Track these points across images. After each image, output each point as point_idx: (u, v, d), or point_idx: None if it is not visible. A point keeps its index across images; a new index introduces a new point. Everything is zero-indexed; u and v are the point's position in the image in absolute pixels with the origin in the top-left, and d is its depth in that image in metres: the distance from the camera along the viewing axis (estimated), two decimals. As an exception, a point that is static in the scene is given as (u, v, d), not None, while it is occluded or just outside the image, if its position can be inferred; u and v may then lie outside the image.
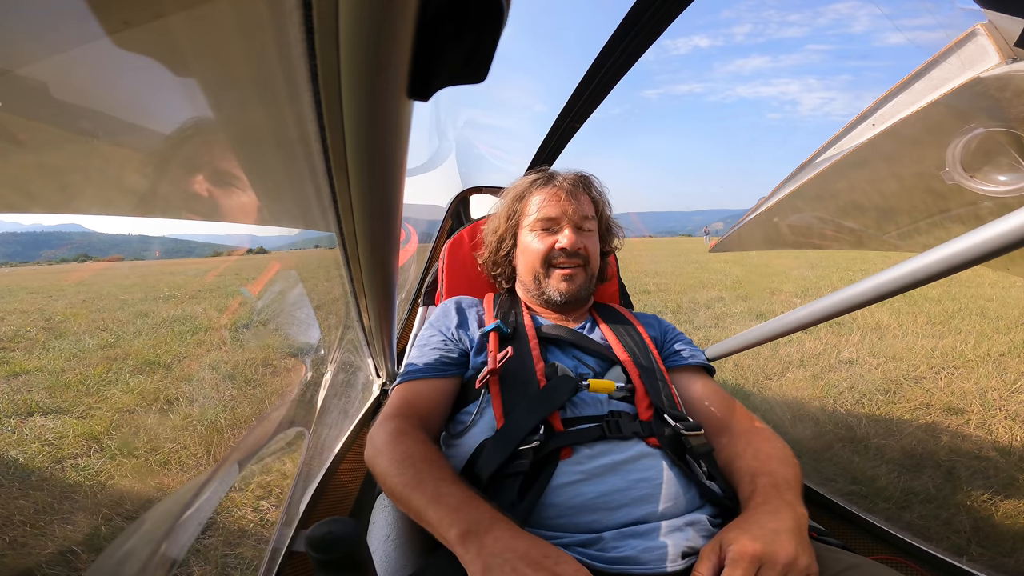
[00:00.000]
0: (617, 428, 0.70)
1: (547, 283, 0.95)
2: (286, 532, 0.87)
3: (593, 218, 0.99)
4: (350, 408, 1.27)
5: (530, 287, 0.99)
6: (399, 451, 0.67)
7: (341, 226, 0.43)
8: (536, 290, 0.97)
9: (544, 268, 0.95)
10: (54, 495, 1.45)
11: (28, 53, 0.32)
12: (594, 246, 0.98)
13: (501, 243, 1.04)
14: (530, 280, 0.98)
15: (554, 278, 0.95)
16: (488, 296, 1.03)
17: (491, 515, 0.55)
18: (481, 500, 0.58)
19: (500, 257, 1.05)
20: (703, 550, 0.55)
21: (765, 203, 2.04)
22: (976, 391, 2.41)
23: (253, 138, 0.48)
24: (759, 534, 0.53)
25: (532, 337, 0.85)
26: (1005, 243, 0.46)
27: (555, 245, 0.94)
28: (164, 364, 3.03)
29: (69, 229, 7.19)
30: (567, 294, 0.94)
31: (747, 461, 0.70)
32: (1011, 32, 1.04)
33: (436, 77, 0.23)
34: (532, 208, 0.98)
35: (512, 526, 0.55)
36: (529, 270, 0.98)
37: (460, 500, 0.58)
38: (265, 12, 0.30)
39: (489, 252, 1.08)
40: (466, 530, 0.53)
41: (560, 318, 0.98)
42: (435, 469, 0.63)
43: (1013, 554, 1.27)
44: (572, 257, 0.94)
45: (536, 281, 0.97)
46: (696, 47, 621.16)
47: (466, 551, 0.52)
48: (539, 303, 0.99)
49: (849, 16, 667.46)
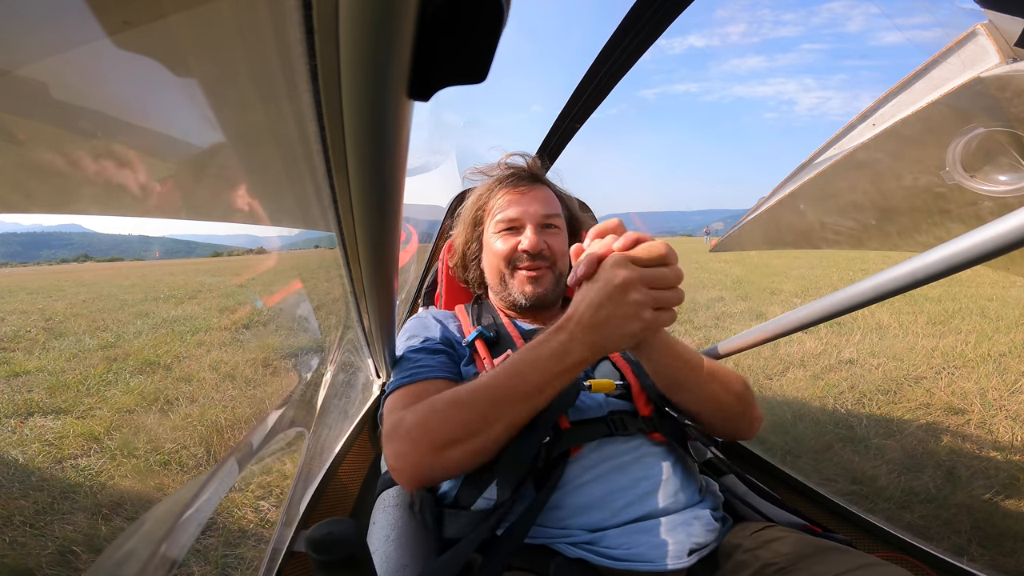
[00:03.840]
0: (623, 425, 0.70)
1: (512, 285, 0.92)
2: (286, 532, 0.87)
3: (558, 215, 0.95)
4: (350, 408, 1.27)
5: (497, 290, 0.96)
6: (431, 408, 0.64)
7: (341, 226, 0.43)
8: (503, 292, 0.94)
9: (508, 270, 0.92)
10: (54, 495, 1.45)
11: (28, 53, 0.32)
12: (560, 244, 0.93)
13: (468, 247, 1.03)
14: (496, 283, 0.95)
15: (519, 280, 0.91)
16: (459, 307, 1.01)
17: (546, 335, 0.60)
18: (526, 347, 0.61)
19: (469, 262, 1.04)
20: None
21: (765, 203, 2.04)
22: (976, 391, 2.41)
23: (253, 138, 0.48)
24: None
25: (518, 338, 0.84)
26: (1005, 243, 0.46)
27: (518, 247, 0.91)
28: (164, 364, 3.03)
29: (69, 229, 7.19)
30: (532, 297, 0.90)
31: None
32: (1011, 32, 1.04)
33: (436, 77, 0.23)
34: (494, 209, 0.95)
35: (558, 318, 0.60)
36: (495, 272, 0.95)
37: (525, 361, 0.60)
38: (265, 12, 0.30)
39: (459, 257, 1.06)
40: (561, 350, 0.58)
41: (537, 320, 0.95)
42: (470, 388, 0.63)
43: (1014, 554, 1.27)
44: (535, 259, 0.90)
45: (502, 283, 0.93)
46: (691, 47, 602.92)
47: (579, 340, 0.57)
48: (506, 306, 0.96)
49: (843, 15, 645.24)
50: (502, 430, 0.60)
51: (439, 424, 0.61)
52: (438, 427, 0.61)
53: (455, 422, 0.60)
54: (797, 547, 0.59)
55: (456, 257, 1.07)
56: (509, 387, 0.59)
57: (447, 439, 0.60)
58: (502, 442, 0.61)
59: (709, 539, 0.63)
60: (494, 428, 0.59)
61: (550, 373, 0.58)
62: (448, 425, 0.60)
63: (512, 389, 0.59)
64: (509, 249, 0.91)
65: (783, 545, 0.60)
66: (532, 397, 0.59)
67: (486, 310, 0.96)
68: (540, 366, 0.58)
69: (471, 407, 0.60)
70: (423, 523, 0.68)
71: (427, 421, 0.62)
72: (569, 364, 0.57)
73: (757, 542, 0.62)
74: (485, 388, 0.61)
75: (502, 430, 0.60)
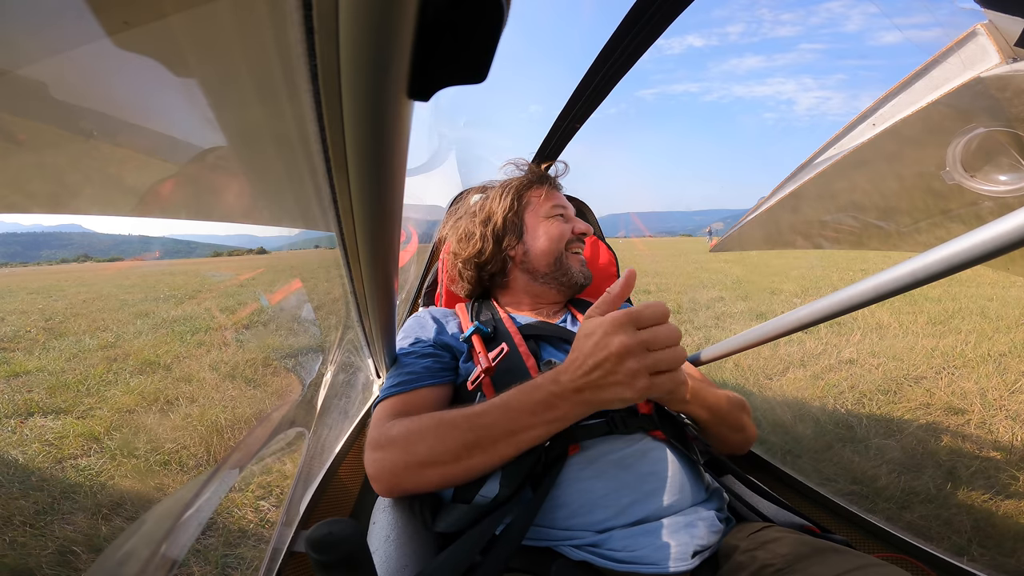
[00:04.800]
0: (623, 422, 0.70)
1: (571, 264, 1.00)
2: (286, 532, 0.87)
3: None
4: (350, 408, 1.27)
5: (550, 271, 0.98)
6: (418, 427, 0.64)
7: (341, 226, 0.43)
8: (557, 272, 0.99)
9: (567, 251, 1.00)
10: (54, 495, 1.45)
11: (28, 53, 0.32)
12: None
13: (502, 237, 1.00)
14: (546, 264, 0.98)
15: (575, 261, 1.01)
16: (459, 305, 1.02)
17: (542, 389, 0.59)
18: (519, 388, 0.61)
19: (507, 233, 1.00)
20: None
21: (765, 203, 2.04)
22: (977, 391, 2.41)
23: (253, 138, 0.48)
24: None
25: (516, 334, 0.84)
26: (1005, 243, 0.46)
27: (573, 230, 1.01)
28: (164, 364, 3.03)
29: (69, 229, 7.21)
30: (589, 277, 1.02)
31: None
32: (1011, 32, 1.04)
33: (436, 77, 0.23)
34: (536, 197, 1.03)
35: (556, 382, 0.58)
36: (550, 254, 0.98)
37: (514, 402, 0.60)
38: (265, 12, 0.30)
39: (475, 250, 1.01)
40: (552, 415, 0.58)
41: (538, 313, 0.98)
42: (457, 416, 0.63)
43: (1014, 554, 1.27)
44: (581, 243, 1.03)
45: (557, 264, 0.99)
46: (690, 46, 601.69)
47: (572, 406, 0.57)
48: (557, 286, 1.00)
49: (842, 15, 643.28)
50: (483, 462, 0.61)
51: (420, 444, 0.63)
52: (419, 446, 0.62)
53: (437, 446, 0.62)
54: (795, 548, 0.59)
55: (472, 249, 1.01)
56: (493, 424, 0.60)
57: (426, 460, 0.62)
58: (482, 472, 0.62)
59: (712, 540, 0.63)
60: (475, 458, 0.60)
61: (537, 420, 0.58)
62: (429, 447, 0.62)
63: (495, 427, 0.60)
64: (567, 231, 1.00)
65: (781, 546, 0.60)
66: (516, 436, 0.59)
67: (485, 307, 0.97)
68: (527, 410, 0.59)
69: (454, 435, 0.61)
70: (423, 522, 0.67)
71: (409, 438, 0.63)
72: (554, 417, 0.58)
73: (755, 543, 0.62)
74: (471, 418, 0.61)
75: (483, 462, 0.61)
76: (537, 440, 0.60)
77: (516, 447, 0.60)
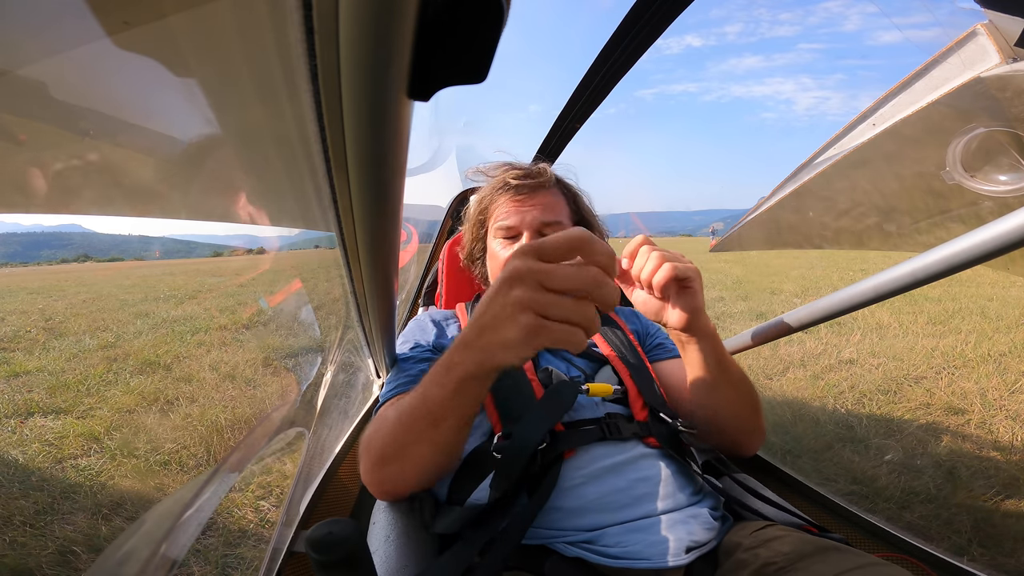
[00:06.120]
0: (616, 430, 0.70)
1: None
2: (286, 532, 0.87)
3: (559, 221, 0.93)
4: (350, 408, 1.28)
5: None
6: (376, 426, 0.64)
7: (341, 226, 0.43)
8: None
9: None
10: (54, 495, 1.45)
11: (28, 53, 0.32)
12: None
13: (474, 246, 1.06)
14: None
15: None
16: (459, 306, 1.01)
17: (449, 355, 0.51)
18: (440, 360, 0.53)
19: (475, 260, 1.07)
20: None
21: (765, 203, 2.04)
22: (977, 391, 2.41)
23: (253, 138, 0.48)
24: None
25: None
26: (1005, 243, 0.46)
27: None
28: (164, 364, 3.03)
29: (69, 229, 7.20)
30: None
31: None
32: (1011, 32, 1.04)
33: (436, 77, 0.23)
34: (496, 214, 0.96)
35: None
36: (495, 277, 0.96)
37: (426, 378, 0.55)
38: (265, 12, 0.30)
39: (467, 254, 1.09)
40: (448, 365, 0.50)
41: None
42: (395, 405, 0.62)
43: (1014, 554, 1.27)
44: None
45: None
46: (689, 46, 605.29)
47: (463, 357, 0.48)
48: None
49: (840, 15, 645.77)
50: (422, 450, 0.58)
51: (376, 441, 0.63)
52: (374, 444, 0.63)
53: (385, 439, 0.61)
54: (797, 546, 0.59)
55: (466, 251, 1.10)
56: (414, 406, 0.56)
57: (380, 457, 0.61)
58: (434, 461, 0.59)
59: (708, 537, 0.63)
60: (412, 446, 0.58)
61: (444, 389, 0.51)
62: (381, 442, 0.62)
63: (416, 408, 0.55)
64: (508, 258, 0.92)
65: (783, 544, 0.60)
66: (429, 410, 0.54)
67: None
68: (435, 381, 0.52)
69: (396, 424, 0.59)
70: (423, 522, 0.68)
71: (372, 439, 0.64)
72: (456, 379, 0.49)
73: (757, 541, 0.62)
74: (399, 406, 0.60)
75: (422, 450, 0.58)
76: (459, 423, 0.54)
77: (434, 423, 0.54)
